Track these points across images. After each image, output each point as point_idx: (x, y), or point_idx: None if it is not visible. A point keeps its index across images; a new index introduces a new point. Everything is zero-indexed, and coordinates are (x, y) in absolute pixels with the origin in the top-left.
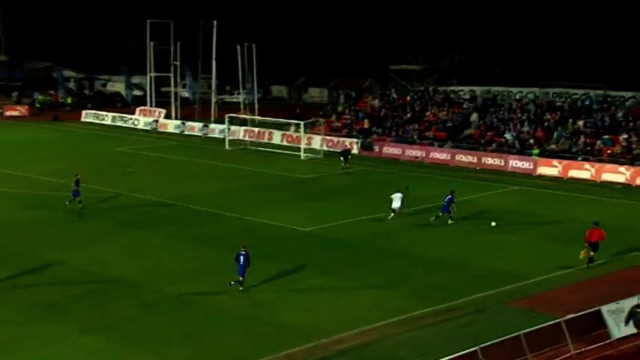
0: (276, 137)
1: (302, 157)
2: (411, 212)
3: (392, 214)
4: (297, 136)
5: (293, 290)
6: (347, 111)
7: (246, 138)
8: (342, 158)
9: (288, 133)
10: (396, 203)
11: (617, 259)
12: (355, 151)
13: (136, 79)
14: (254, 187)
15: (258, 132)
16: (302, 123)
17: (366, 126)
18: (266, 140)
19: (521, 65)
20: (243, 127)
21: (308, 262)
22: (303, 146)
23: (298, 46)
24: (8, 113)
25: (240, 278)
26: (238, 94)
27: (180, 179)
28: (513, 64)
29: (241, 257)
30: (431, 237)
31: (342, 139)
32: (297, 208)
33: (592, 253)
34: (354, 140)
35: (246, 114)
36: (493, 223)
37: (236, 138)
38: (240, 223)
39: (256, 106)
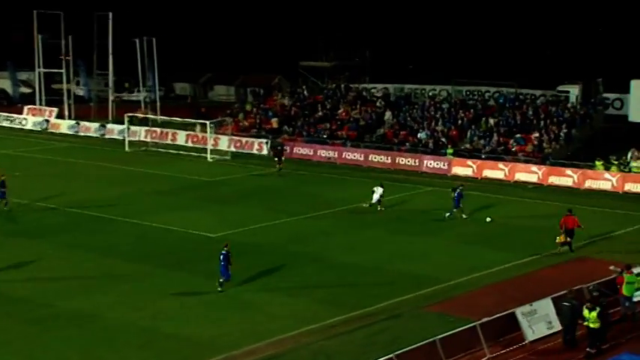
0: (181, 138)
1: (209, 159)
2: (325, 215)
3: (371, 204)
4: (202, 137)
5: (199, 301)
6: (255, 110)
7: (148, 139)
8: (275, 159)
9: (193, 133)
10: (376, 195)
11: (531, 260)
12: (264, 152)
13: (23, 76)
14: (157, 191)
15: (161, 132)
16: (208, 123)
17: (275, 125)
18: (170, 141)
19: (434, 62)
20: (144, 127)
21: (216, 270)
22: (209, 147)
23: (203, 41)
24: None
25: (221, 279)
26: (138, 91)
27: (75, 184)
28: (426, 61)
29: (221, 256)
30: (345, 241)
31: (250, 139)
32: (204, 212)
33: (568, 239)
34: (263, 140)
35: (147, 113)
36: (488, 219)
37: (137, 139)
38: (141, 230)
39: (158, 104)
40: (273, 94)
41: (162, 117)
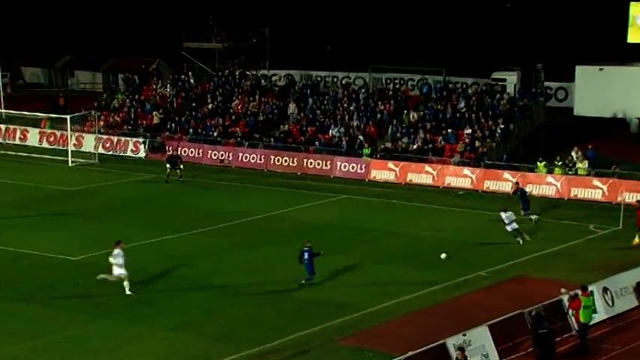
0: (33, 137)
1: (70, 164)
2: (215, 231)
3: None
4: (61, 135)
5: (57, 340)
6: (128, 101)
7: None
8: (168, 166)
9: (48, 131)
10: None
11: (459, 283)
12: (142, 153)
13: None
14: (3, 205)
15: (6, 130)
16: (68, 117)
17: (155, 121)
18: (18, 141)
19: (347, 45)
20: None
21: (79, 302)
22: (70, 149)
23: (59, 16)
24: None
25: (309, 276)
26: None
27: None
28: (338, 43)
29: (305, 254)
30: (240, 261)
31: (123, 138)
32: (64, 231)
33: None
34: (140, 140)
35: None
36: (443, 255)
37: None
38: None
39: (1, 94)
40: (151, 82)
41: (6, 111)
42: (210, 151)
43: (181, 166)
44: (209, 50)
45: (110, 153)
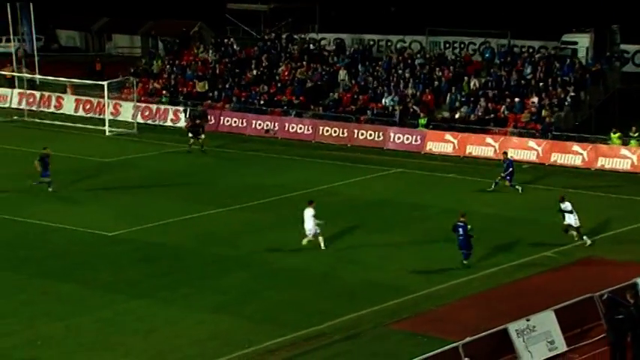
0: (68, 105)
1: (107, 133)
2: (258, 207)
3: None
4: (98, 103)
5: (92, 320)
6: (168, 67)
7: (23, 106)
8: (190, 135)
9: (85, 98)
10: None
11: (523, 264)
12: (182, 123)
13: None
14: (34, 176)
15: (41, 97)
16: (105, 84)
17: (198, 89)
18: (53, 109)
19: (403, 6)
20: (17, 90)
21: (114, 280)
22: (107, 117)
23: None
24: None
25: (464, 253)
26: (8, 41)
27: None
28: (393, 3)
29: (460, 229)
30: (283, 240)
31: (163, 106)
32: (98, 204)
33: None
34: (180, 108)
35: (20, 71)
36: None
37: (7, 106)
38: (13, 228)
39: (36, 59)
40: (192, 46)
41: (41, 76)
42: (254, 121)
43: (203, 136)
44: (254, 12)
45: (149, 122)
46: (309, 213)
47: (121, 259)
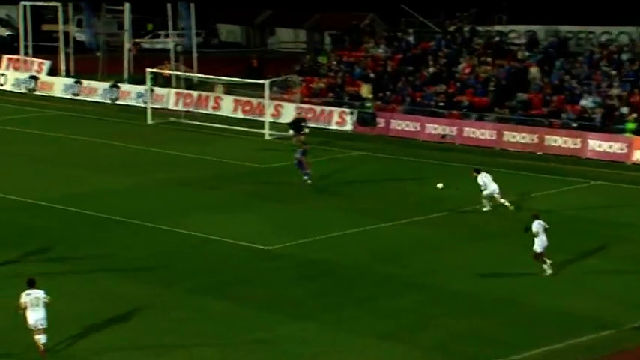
0: (227, 105)
1: (266, 136)
2: (431, 221)
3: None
4: (258, 104)
5: (249, 341)
6: (335, 64)
7: (180, 106)
8: (291, 132)
9: (245, 99)
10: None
11: None
12: (348, 126)
13: (0, 12)
14: (190, 183)
15: (199, 97)
16: (266, 82)
17: (365, 90)
18: (210, 110)
19: None
20: (174, 90)
21: (273, 298)
22: (267, 119)
23: None
24: None
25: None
26: (166, 37)
27: (71, 170)
28: None
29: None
30: (461, 259)
31: (328, 108)
32: (255, 214)
33: None
34: (347, 110)
35: (178, 69)
36: (440, 185)
37: (163, 106)
38: (166, 239)
39: (195, 55)
40: (362, 41)
41: (199, 75)
42: (429, 125)
43: (306, 130)
44: (433, 2)
45: (312, 125)
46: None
47: (279, 276)
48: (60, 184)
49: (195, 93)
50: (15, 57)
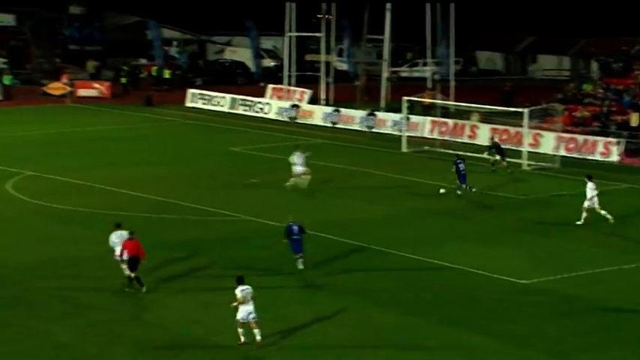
0: (483, 134)
1: (525, 167)
2: None
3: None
4: (516, 133)
5: None
6: (602, 92)
7: (435, 134)
8: (497, 157)
9: (502, 127)
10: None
11: None
12: (614, 157)
13: (267, 43)
14: (441, 212)
15: (454, 125)
16: (526, 111)
17: (634, 119)
18: (466, 138)
19: None
20: (430, 118)
21: (530, 335)
22: (526, 149)
23: None
24: (82, 93)
25: None
26: (424, 65)
27: (328, 198)
28: None
29: None
30: None
31: (591, 138)
32: (511, 247)
33: None
34: (612, 140)
35: (435, 97)
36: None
37: (418, 135)
38: (414, 267)
39: (452, 84)
40: (633, 67)
41: (456, 103)
42: None
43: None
44: None
45: (573, 156)
46: None
47: (537, 312)
48: (315, 211)
49: (451, 121)
50: (279, 86)
